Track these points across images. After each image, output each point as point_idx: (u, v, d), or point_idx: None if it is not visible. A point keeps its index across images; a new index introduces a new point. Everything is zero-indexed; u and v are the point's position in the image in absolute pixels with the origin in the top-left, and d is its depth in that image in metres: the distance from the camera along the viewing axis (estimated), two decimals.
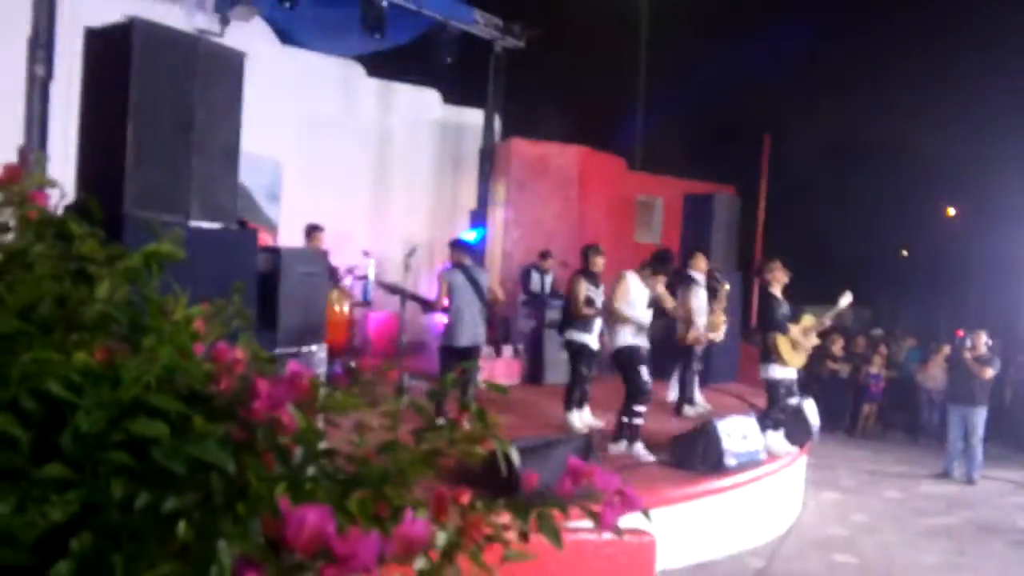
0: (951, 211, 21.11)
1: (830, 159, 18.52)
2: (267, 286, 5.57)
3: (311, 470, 1.33)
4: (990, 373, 9.28)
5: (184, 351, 1.47)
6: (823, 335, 9.78)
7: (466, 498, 1.48)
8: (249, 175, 9.92)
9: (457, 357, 6.80)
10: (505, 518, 1.60)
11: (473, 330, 6.97)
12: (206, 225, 4.97)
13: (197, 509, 1.21)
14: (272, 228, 10.00)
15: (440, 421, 1.62)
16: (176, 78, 4.76)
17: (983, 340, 9.50)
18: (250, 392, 1.36)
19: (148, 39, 4.57)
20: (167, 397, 1.33)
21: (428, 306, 7.39)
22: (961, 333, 10.92)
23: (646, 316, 6.93)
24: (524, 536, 1.59)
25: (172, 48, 4.75)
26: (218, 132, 5.04)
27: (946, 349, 11.55)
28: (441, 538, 1.23)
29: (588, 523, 1.73)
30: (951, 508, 8.10)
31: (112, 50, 4.64)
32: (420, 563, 1.15)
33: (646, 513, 1.87)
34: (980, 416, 9.21)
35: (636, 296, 6.90)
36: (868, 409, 12.32)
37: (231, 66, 5.11)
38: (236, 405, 1.36)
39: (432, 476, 1.49)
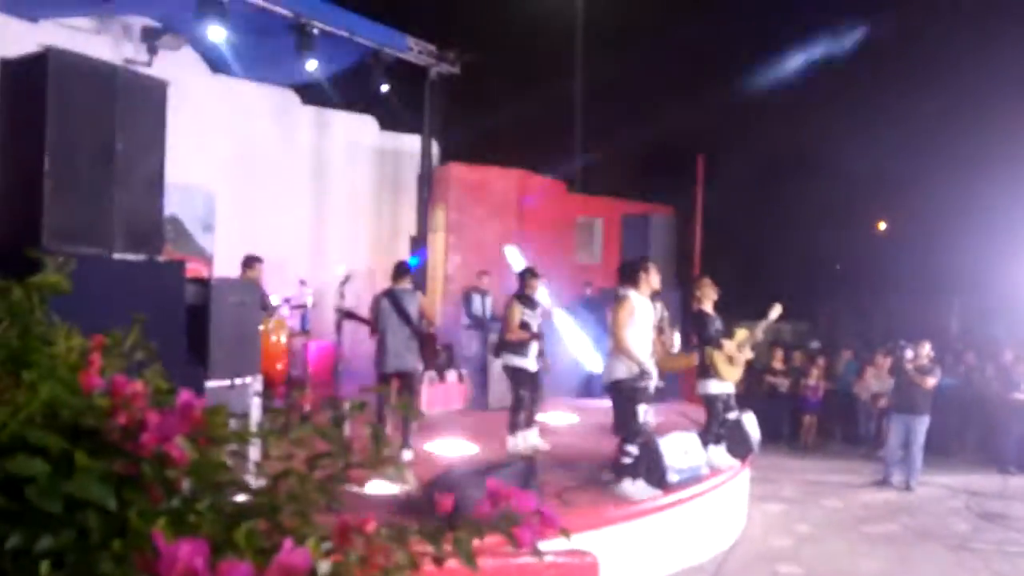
0: (882, 225, 21.75)
1: (764, 177, 18.94)
2: (197, 318, 5.44)
3: (202, 504, 1.29)
4: (931, 383, 9.48)
5: (70, 385, 1.42)
6: (763, 350, 9.95)
7: (371, 526, 1.45)
8: (182, 206, 9.78)
9: (386, 382, 6.76)
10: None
11: (397, 355, 6.90)
12: (131, 257, 4.85)
13: (73, 549, 1.17)
14: (207, 259, 9.83)
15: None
16: (94, 108, 4.65)
17: (926, 350, 9.71)
18: (140, 425, 1.32)
19: (63, 69, 4.46)
20: (47, 433, 1.28)
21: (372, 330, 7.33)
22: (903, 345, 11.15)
23: (647, 342, 6.17)
24: (438, 562, 1.56)
25: (89, 78, 4.64)
26: (141, 163, 4.93)
27: (880, 360, 11.79)
28: (324, 567, 1.19)
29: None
30: (891, 515, 8.24)
31: (27, 81, 4.52)
32: None
33: (565, 532, 1.86)
34: (922, 424, 9.40)
35: (640, 318, 6.12)
36: (808, 421, 12.52)
37: (153, 95, 5.01)
38: (125, 439, 1.31)
39: (339, 504, 1.45)
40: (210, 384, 5.50)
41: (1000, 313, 15.17)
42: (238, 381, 5.88)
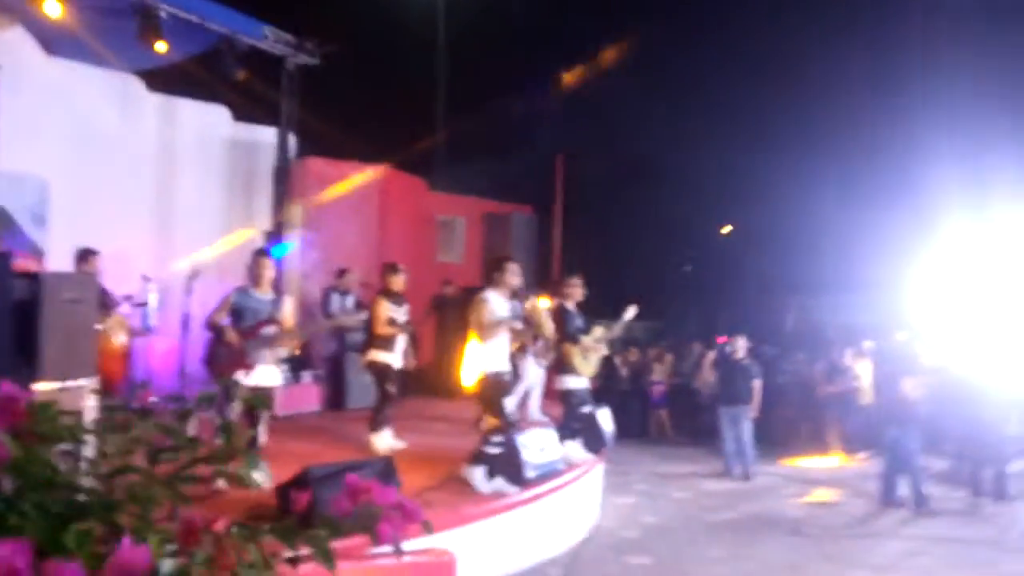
0: (726, 229, 22.98)
1: (620, 181, 19.61)
2: (25, 315, 5.03)
3: (27, 503, 1.19)
4: (758, 384, 10.12)
5: None
6: (617, 348, 10.29)
7: (220, 525, 1.38)
8: (10, 195, 9.05)
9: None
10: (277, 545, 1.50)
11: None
12: None
13: None
14: (38, 253, 9.13)
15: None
16: None
17: (741, 344, 10.34)
18: None
19: None
20: None
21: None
22: (722, 339, 11.79)
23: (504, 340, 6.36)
24: (293, 562, 1.50)
25: None
26: None
27: (710, 355, 12.43)
28: (168, 565, 1.12)
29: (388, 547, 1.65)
30: (732, 504, 8.71)
31: None
32: None
33: (428, 526, 1.82)
34: (746, 414, 9.99)
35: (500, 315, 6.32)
36: (656, 415, 13.05)
37: None
38: None
39: (182, 502, 1.37)
40: (39, 386, 5.11)
41: (832, 312, 16.37)
42: (71, 383, 5.50)
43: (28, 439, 1.27)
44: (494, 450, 6.18)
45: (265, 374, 6.21)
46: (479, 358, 6.28)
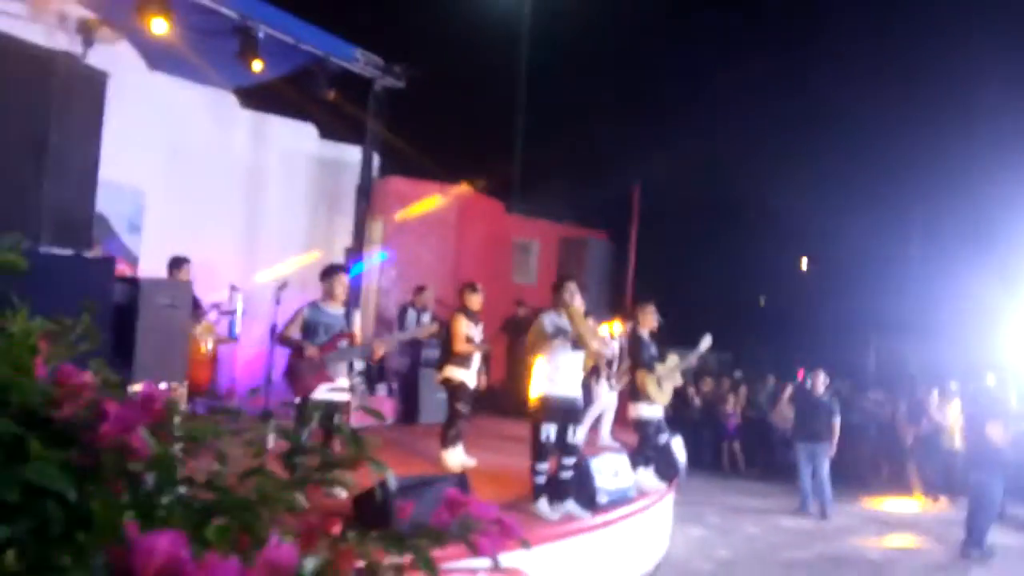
0: (805, 264, 22.50)
1: (697, 212, 19.42)
2: (124, 318, 5.23)
3: (166, 498, 1.24)
4: (837, 422, 9.82)
5: (22, 368, 1.34)
6: (689, 378, 10.13)
7: (337, 528, 1.41)
8: (109, 203, 9.44)
9: None
10: (381, 552, 1.52)
11: None
12: (58, 251, 4.65)
13: (32, 539, 1.10)
14: (132, 260, 9.50)
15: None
16: (29, 94, 4.47)
17: (821, 379, 10.05)
18: (97, 415, 1.26)
19: None
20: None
21: None
22: (801, 373, 11.47)
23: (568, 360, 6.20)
24: (398, 570, 1.52)
25: (25, 62, 4.46)
26: (75, 155, 4.74)
27: (788, 389, 12.10)
28: (310, 564, 1.15)
29: (462, 564, 1.67)
30: (806, 542, 8.45)
31: None
32: None
33: (525, 543, 1.82)
34: (824, 451, 9.70)
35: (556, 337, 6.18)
36: (729, 447, 12.77)
37: (92, 86, 4.83)
38: (81, 429, 1.25)
39: (304, 504, 1.41)
40: (134, 388, 5.29)
41: (915, 355, 15.82)
42: (163, 386, 5.68)
43: (164, 437, 1.31)
44: (542, 478, 6.10)
45: (341, 387, 6.31)
46: (541, 378, 6.21)
